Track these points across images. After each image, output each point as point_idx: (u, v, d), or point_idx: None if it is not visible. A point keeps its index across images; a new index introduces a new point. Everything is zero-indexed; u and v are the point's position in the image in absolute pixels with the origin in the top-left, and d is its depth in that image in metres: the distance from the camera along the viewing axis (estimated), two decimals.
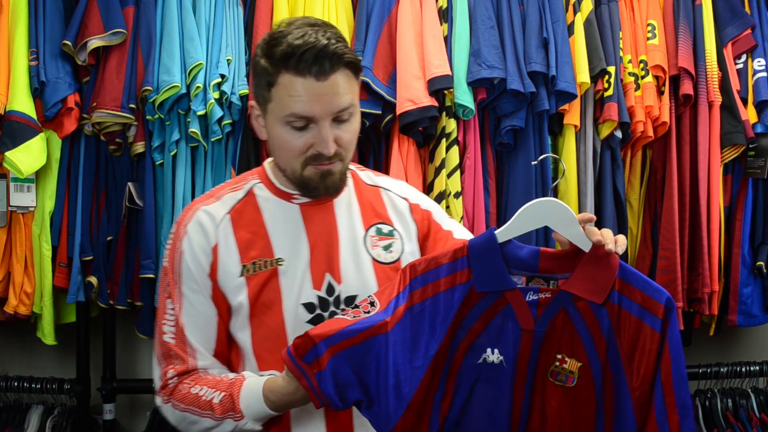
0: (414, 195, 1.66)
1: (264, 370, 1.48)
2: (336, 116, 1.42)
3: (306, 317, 1.48)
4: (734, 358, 2.74)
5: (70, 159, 2.46)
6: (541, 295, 1.38)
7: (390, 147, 2.46)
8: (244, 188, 1.56)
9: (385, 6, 2.48)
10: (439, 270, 1.41)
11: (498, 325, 1.39)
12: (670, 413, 1.33)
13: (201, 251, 1.49)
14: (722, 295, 2.63)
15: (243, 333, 1.49)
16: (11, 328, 2.71)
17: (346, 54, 1.41)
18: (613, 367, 1.36)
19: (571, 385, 1.37)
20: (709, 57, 2.55)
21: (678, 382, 1.33)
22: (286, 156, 1.47)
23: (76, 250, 2.43)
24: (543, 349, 1.37)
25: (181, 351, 1.49)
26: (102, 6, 2.35)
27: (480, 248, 1.40)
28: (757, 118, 2.58)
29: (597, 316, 1.36)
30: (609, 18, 2.55)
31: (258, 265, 1.49)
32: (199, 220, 1.51)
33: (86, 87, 2.41)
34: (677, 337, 1.35)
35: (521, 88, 2.38)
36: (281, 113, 1.42)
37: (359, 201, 1.59)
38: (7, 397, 2.62)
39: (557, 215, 1.39)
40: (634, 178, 2.64)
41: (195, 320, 1.49)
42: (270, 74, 1.41)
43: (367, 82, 2.37)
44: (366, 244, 1.55)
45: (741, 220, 2.63)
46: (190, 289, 1.49)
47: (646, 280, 1.37)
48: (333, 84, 1.40)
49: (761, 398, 2.67)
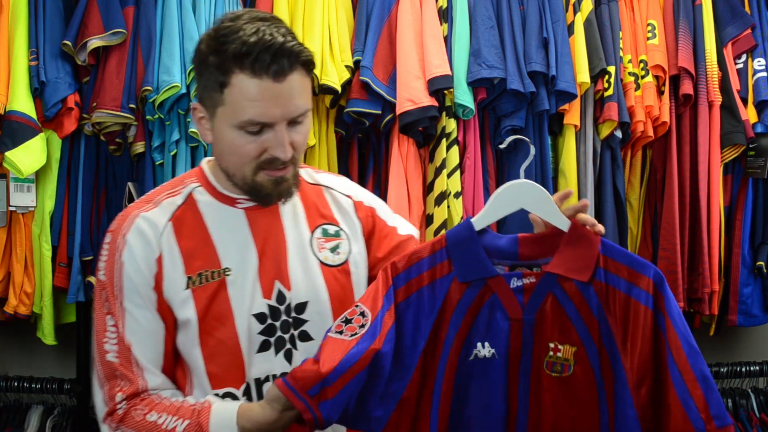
0: (357, 192, 1.58)
1: (217, 387, 1.38)
2: (292, 119, 1.33)
3: (258, 328, 1.39)
4: (734, 358, 2.74)
5: (70, 159, 2.45)
6: (525, 280, 1.34)
7: (390, 147, 2.46)
8: (182, 193, 1.44)
9: (385, 6, 2.48)
10: (420, 265, 1.37)
11: (486, 317, 1.35)
12: (692, 389, 1.27)
13: (144, 262, 1.37)
14: (722, 295, 2.63)
15: (194, 350, 1.38)
16: (11, 328, 2.70)
17: (303, 52, 1.32)
18: (608, 348, 1.32)
19: (567, 374, 1.33)
20: (709, 57, 2.56)
21: (691, 355, 1.28)
22: (237, 161, 1.36)
23: (76, 250, 2.42)
24: (535, 339, 1.33)
25: (127, 371, 1.36)
26: (102, 6, 2.35)
27: (458, 238, 1.37)
28: (757, 118, 2.58)
29: (585, 296, 1.32)
30: (609, 18, 2.55)
31: (204, 277, 1.38)
32: (140, 228, 1.39)
33: (86, 87, 2.41)
34: (677, 309, 1.31)
35: (521, 88, 2.38)
36: (235, 119, 1.31)
37: (303, 202, 1.49)
38: (7, 397, 2.62)
39: (532, 196, 1.36)
40: (634, 178, 2.64)
41: (140, 336, 1.37)
42: (221, 74, 1.30)
43: (367, 82, 2.37)
44: (312, 246, 1.46)
45: (741, 220, 2.63)
46: (133, 304, 1.37)
47: (630, 255, 1.34)
48: (290, 85, 1.31)
49: (761, 398, 2.67)
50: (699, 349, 1.30)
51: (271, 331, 1.40)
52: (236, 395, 1.40)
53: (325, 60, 2.39)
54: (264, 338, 1.40)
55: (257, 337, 1.39)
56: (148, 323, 1.38)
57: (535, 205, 1.36)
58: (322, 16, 2.43)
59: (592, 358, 1.33)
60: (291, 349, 1.42)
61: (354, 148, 2.53)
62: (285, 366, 1.41)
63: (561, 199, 1.37)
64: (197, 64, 1.36)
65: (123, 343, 1.37)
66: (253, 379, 1.40)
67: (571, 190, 1.38)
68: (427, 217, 2.43)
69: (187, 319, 1.37)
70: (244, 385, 1.40)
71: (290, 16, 2.42)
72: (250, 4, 2.48)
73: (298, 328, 1.43)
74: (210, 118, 1.37)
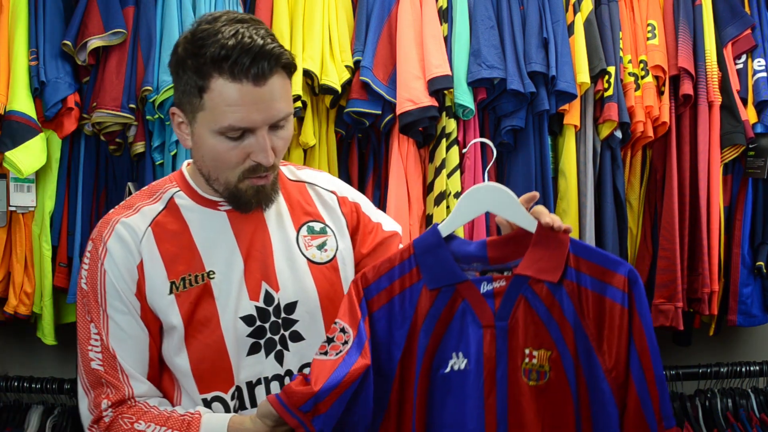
0: (341, 187, 1.57)
1: (204, 392, 1.38)
2: (274, 124, 1.31)
3: (246, 331, 1.38)
4: (734, 358, 2.73)
5: (70, 159, 2.45)
6: (495, 284, 1.33)
7: (390, 147, 2.46)
8: (162, 199, 1.43)
9: (385, 6, 2.48)
10: (390, 274, 1.36)
11: (458, 325, 1.33)
12: (651, 390, 1.28)
13: (126, 269, 1.36)
14: (722, 295, 2.63)
15: (179, 356, 1.37)
16: (11, 328, 2.70)
17: (283, 54, 1.29)
18: (582, 351, 1.30)
19: (544, 381, 1.31)
20: (709, 57, 2.55)
21: (654, 356, 1.28)
22: (220, 167, 1.34)
23: (76, 250, 2.42)
24: (510, 346, 1.31)
25: (113, 378, 1.35)
26: (102, 6, 2.35)
27: (425, 245, 1.36)
28: (757, 118, 2.58)
29: (557, 297, 1.30)
30: (609, 18, 2.55)
31: (188, 281, 1.37)
32: (120, 235, 1.37)
33: (86, 87, 2.41)
34: (647, 310, 1.30)
35: (521, 88, 2.38)
36: (215, 125, 1.29)
37: (287, 200, 1.48)
38: (7, 397, 2.61)
39: (497, 199, 1.35)
40: (634, 178, 2.64)
41: (125, 344, 1.35)
42: (200, 78, 1.28)
43: (367, 82, 2.37)
44: (299, 245, 1.45)
45: (741, 220, 2.63)
46: (116, 311, 1.36)
47: (602, 253, 1.32)
48: (271, 89, 1.28)
49: (761, 398, 2.66)
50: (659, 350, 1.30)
51: (261, 333, 1.39)
52: (225, 399, 1.39)
53: (325, 60, 2.39)
54: (253, 341, 1.39)
55: (246, 339, 1.38)
56: (132, 330, 1.36)
57: (500, 207, 1.35)
58: (322, 16, 2.43)
59: (566, 361, 1.31)
60: (282, 351, 1.41)
61: (354, 148, 2.53)
62: (276, 368, 1.40)
63: (528, 201, 1.36)
64: (174, 67, 1.33)
65: (108, 350, 1.36)
66: (245, 383, 1.39)
67: (537, 194, 1.37)
68: (427, 217, 2.43)
69: (173, 324, 1.36)
70: (233, 389, 1.39)
71: (290, 16, 2.42)
72: (249, 4, 2.48)
73: (288, 328, 1.41)
74: (189, 123, 1.35)
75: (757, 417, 2.63)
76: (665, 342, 2.79)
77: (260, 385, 1.40)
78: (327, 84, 2.36)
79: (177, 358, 1.38)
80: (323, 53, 2.40)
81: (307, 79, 2.37)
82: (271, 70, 1.27)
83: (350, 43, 2.46)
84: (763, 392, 2.68)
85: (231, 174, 1.34)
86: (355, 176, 2.51)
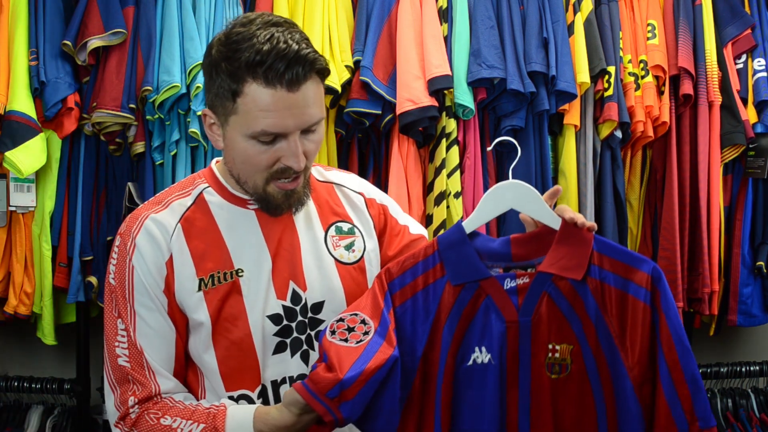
0: (369, 189, 1.57)
1: (231, 390, 1.37)
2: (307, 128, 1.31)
3: (273, 330, 1.38)
4: (734, 358, 2.74)
5: (70, 159, 2.45)
6: (519, 280, 1.33)
7: (390, 147, 2.46)
8: (192, 194, 1.42)
9: (385, 6, 2.48)
10: (414, 270, 1.36)
11: (481, 320, 1.34)
12: (680, 389, 1.26)
13: (154, 266, 1.35)
14: (722, 295, 2.63)
15: (207, 353, 1.36)
16: (11, 328, 2.71)
17: (317, 60, 1.28)
18: (605, 346, 1.30)
19: (566, 374, 1.32)
20: (709, 57, 2.56)
21: (683, 354, 1.27)
22: (249, 170, 1.34)
23: (76, 250, 2.42)
24: (534, 342, 1.32)
25: (139, 375, 1.34)
26: (102, 6, 2.35)
27: (449, 241, 1.36)
28: (757, 118, 2.58)
29: (580, 294, 1.31)
30: (609, 18, 2.55)
31: (216, 278, 1.36)
32: (149, 231, 1.36)
33: (86, 87, 2.41)
34: (673, 307, 1.29)
35: (521, 88, 2.38)
36: (248, 129, 1.28)
37: (315, 200, 1.48)
38: (7, 397, 2.61)
39: (521, 196, 1.35)
40: (634, 178, 2.64)
41: (152, 340, 1.35)
42: (234, 82, 1.27)
43: (367, 82, 2.37)
44: (327, 245, 1.45)
45: (741, 220, 2.63)
46: (144, 307, 1.35)
47: (626, 251, 1.32)
48: (305, 95, 1.27)
49: (761, 398, 2.67)
50: (691, 349, 1.29)
51: (287, 332, 1.39)
52: (251, 398, 1.39)
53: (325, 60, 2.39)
54: (279, 339, 1.39)
55: (272, 338, 1.38)
56: (159, 327, 1.36)
57: (524, 204, 1.35)
58: (322, 16, 2.43)
59: (587, 356, 1.31)
60: (308, 350, 1.41)
61: (354, 148, 2.53)
62: (302, 367, 1.40)
63: (551, 198, 1.36)
64: (207, 69, 1.32)
65: (135, 347, 1.35)
66: (269, 381, 1.39)
67: (560, 188, 1.37)
68: (427, 217, 2.43)
69: (200, 321, 1.36)
70: (260, 387, 1.39)
71: (290, 16, 2.42)
72: (250, 4, 2.48)
73: (314, 328, 1.41)
74: (221, 126, 1.34)
75: (757, 417, 2.63)
76: None
77: (285, 384, 1.39)
78: (327, 84, 2.36)
79: (205, 355, 1.37)
80: (323, 53, 2.40)
81: None
82: (305, 75, 1.26)
83: (350, 43, 2.46)
84: (763, 392, 2.68)
85: (259, 177, 1.34)
86: None
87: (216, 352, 1.36)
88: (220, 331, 1.36)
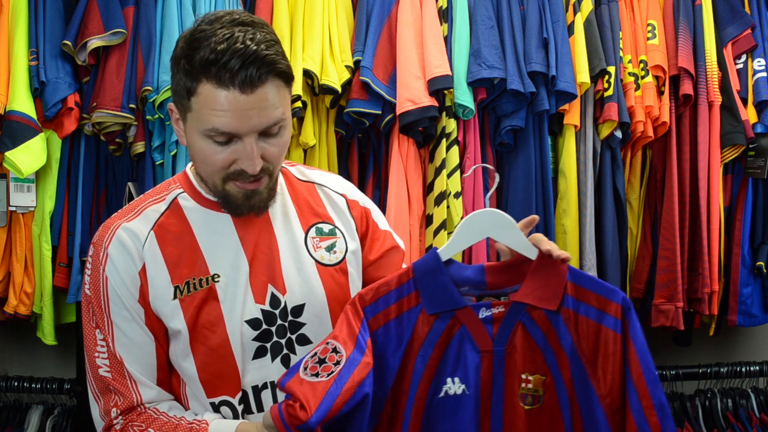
0: (351, 191, 1.54)
1: (212, 396, 1.36)
2: (264, 131, 1.27)
3: (252, 335, 1.36)
4: (734, 358, 2.73)
5: (70, 159, 2.45)
6: (494, 310, 1.33)
7: (390, 147, 2.46)
8: (166, 199, 1.40)
9: (385, 6, 2.48)
10: (387, 297, 1.34)
11: (455, 350, 1.33)
12: (648, 416, 1.28)
13: (127, 276, 1.33)
14: (722, 295, 2.63)
15: (186, 361, 1.35)
16: (11, 328, 2.71)
17: (278, 62, 1.23)
18: (577, 376, 1.31)
19: (538, 405, 1.32)
20: (709, 57, 2.56)
21: (651, 382, 1.29)
22: (207, 169, 1.32)
23: (76, 250, 2.42)
24: (507, 372, 1.32)
25: (120, 385, 1.34)
26: (102, 6, 2.35)
27: (425, 269, 1.35)
28: (757, 118, 2.58)
29: (554, 324, 1.31)
30: (609, 18, 2.55)
31: (192, 285, 1.34)
32: (121, 240, 1.35)
33: (86, 87, 2.41)
34: (641, 336, 1.30)
35: (521, 88, 2.38)
36: (201, 126, 1.26)
37: (294, 201, 1.45)
38: (7, 397, 2.61)
39: (497, 224, 1.35)
40: (634, 178, 2.64)
41: (131, 350, 1.34)
42: (189, 80, 1.24)
43: (367, 82, 2.37)
44: (307, 246, 1.42)
45: (741, 220, 2.63)
46: (120, 317, 1.34)
47: (597, 281, 1.33)
48: (260, 98, 1.22)
49: (761, 398, 2.66)
50: (658, 376, 1.31)
51: (267, 336, 1.37)
52: (233, 404, 1.38)
53: (325, 60, 2.39)
54: (259, 344, 1.37)
55: (252, 343, 1.36)
56: (137, 336, 1.35)
57: (500, 233, 1.35)
58: (322, 16, 2.43)
59: (559, 387, 1.31)
60: (288, 355, 1.39)
61: (354, 148, 2.53)
62: (283, 372, 1.37)
63: (526, 227, 1.35)
64: (172, 65, 1.30)
65: (114, 357, 1.35)
66: (250, 387, 1.38)
67: (536, 217, 1.36)
68: (427, 217, 2.43)
69: (177, 329, 1.34)
70: (240, 393, 1.38)
71: (290, 16, 2.43)
72: (250, 4, 2.48)
73: (295, 332, 1.40)
74: (183, 122, 1.33)
75: (757, 417, 2.63)
76: (665, 342, 2.80)
77: (266, 389, 1.38)
78: (327, 84, 2.36)
79: (184, 362, 1.36)
80: (323, 53, 2.40)
81: (307, 79, 2.37)
82: (261, 77, 1.22)
83: (350, 43, 2.46)
84: (763, 392, 2.68)
85: (217, 176, 1.32)
86: (355, 176, 2.51)
87: (195, 359, 1.35)
88: (197, 338, 1.34)
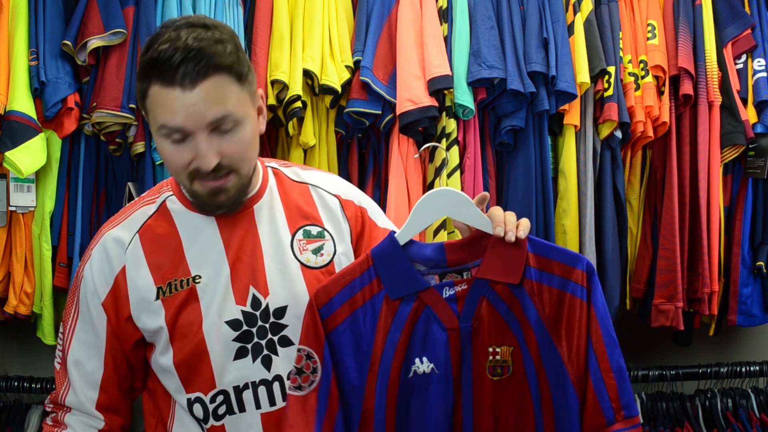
0: (347, 191, 1.55)
1: (191, 392, 1.40)
2: (215, 127, 1.28)
3: (232, 335, 1.38)
4: (734, 358, 2.73)
5: (70, 159, 2.46)
6: (457, 288, 1.34)
7: (390, 147, 2.46)
8: (157, 201, 1.45)
9: (385, 6, 2.48)
10: (351, 286, 1.36)
11: (422, 330, 1.34)
12: (606, 378, 1.30)
13: (100, 277, 1.39)
14: (722, 295, 2.63)
15: (165, 357, 1.39)
16: (11, 328, 2.71)
17: (221, 59, 1.25)
18: (543, 345, 1.32)
19: (507, 375, 1.33)
20: (709, 57, 2.55)
21: (609, 345, 1.31)
22: (172, 170, 1.35)
23: (76, 250, 2.42)
24: (475, 347, 1.33)
25: (59, 378, 1.44)
26: (102, 6, 2.35)
27: (383, 254, 1.36)
28: (757, 118, 2.57)
29: (518, 296, 1.32)
30: (609, 18, 2.55)
31: (174, 286, 1.38)
32: (105, 245, 1.41)
33: (86, 87, 2.41)
34: (602, 300, 1.32)
35: (521, 88, 2.38)
36: (155, 125, 1.29)
37: (284, 203, 1.47)
38: (7, 397, 2.61)
39: (452, 202, 1.35)
40: (634, 178, 2.64)
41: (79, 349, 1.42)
42: (140, 83, 1.28)
43: (367, 82, 2.37)
44: (294, 249, 1.44)
45: (741, 220, 2.63)
46: (82, 316, 1.42)
47: (560, 249, 1.34)
48: (202, 93, 1.24)
49: (761, 398, 2.66)
50: (617, 340, 1.32)
51: (247, 337, 1.39)
52: (204, 401, 1.40)
53: (325, 60, 2.39)
54: (240, 345, 1.39)
55: (232, 344, 1.38)
56: (91, 338, 1.41)
57: (456, 211, 1.35)
58: (322, 16, 2.43)
59: (525, 356, 1.33)
60: (269, 356, 1.40)
61: (354, 148, 2.53)
62: (263, 373, 1.40)
63: (480, 202, 1.36)
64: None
65: (65, 350, 1.42)
66: (231, 387, 1.40)
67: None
68: None
69: (160, 327, 1.38)
70: (214, 392, 1.39)
71: (290, 17, 2.43)
72: (250, 4, 2.48)
73: (277, 333, 1.41)
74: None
75: (757, 417, 2.63)
76: (665, 342, 2.80)
77: (248, 389, 1.40)
78: (327, 84, 2.36)
79: (162, 358, 1.40)
80: (323, 53, 2.40)
81: (307, 79, 2.37)
82: (200, 73, 1.23)
83: (350, 43, 2.46)
84: (763, 392, 2.68)
85: (182, 176, 1.34)
86: (355, 176, 2.51)
87: (174, 355, 1.39)
88: (177, 336, 1.38)
